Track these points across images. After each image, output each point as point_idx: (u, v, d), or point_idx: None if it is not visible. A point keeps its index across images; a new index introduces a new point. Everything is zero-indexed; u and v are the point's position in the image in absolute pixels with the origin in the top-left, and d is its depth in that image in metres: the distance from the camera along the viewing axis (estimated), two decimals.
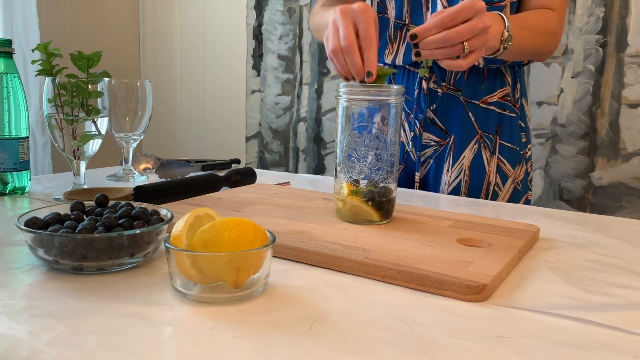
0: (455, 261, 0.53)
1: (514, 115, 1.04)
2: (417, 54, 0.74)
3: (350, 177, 0.68)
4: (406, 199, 0.90)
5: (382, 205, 0.67)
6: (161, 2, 2.65)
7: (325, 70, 2.21)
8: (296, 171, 2.30)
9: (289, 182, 1.02)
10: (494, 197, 1.03)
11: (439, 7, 0.98)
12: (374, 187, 0.67)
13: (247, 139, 2.45)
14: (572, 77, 1.70)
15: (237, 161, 1.23)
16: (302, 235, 0.61)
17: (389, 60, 1.06)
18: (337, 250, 0.56)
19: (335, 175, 0.70)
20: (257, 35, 2.38)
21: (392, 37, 1.04)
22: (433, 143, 1.05)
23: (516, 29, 0.86)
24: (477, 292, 0.48)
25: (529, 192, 1.07)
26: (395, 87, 0.68)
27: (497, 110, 1.02)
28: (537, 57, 1.01)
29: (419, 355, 0.38)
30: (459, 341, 0.40)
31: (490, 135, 1.02)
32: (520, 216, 0.80)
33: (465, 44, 0.73)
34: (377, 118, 0.66)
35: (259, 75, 2.39)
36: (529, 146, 1.07)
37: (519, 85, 1.05)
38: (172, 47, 2.66)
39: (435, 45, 0.72)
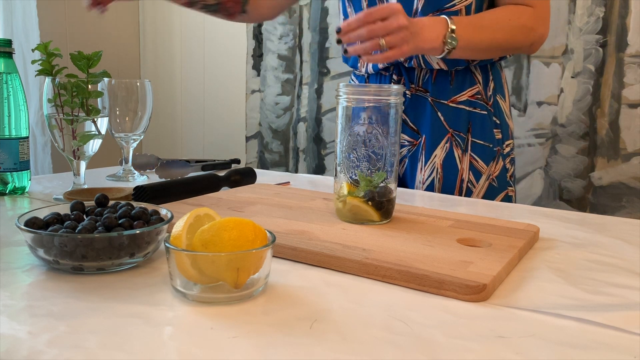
0: (455, 261, 0.53)
1: (486, 112, 1.05)
2: (345, 51, 0.84)
3: (350, 177, 0.68)
4: (406, 198, 0.90)
5: (382, 205, 0.67)
6: (161, 3, 2.65)
7: (325, 70, 2.21)
8: (296, 171, 2.30)
9: (289, 182, 1.02)
10: (468, 194, 1.04)
11: None
12: (374, 187, 0.67)
13: (247, 139, 2.45)
14: (572, 77, 1.70)
15: (237, 161, 1.23)
16: (302, 235, 0.61)
17: (363, 70, 1.11)
18: (337, 250, 0.56)
19: (335, 175, 0.70)
20: (257, 35, 2.38)
21: None
22: (407, 143, 1.08)
23: (467, 29, 0.90)
24: (477, 292, 0.48)
25: (509, 189, 1.08)
26: (395, 87, 0.68)
27: (467, 108, 1.04)
28: (511, 52, 1.03)
29: (419, 355, 0.38)
30: (459, 341, 0.40)
31: (462, 134, 1.04)
32: (520, 216, 0.80)
33: (382, 40, 0.79)
34: (377, 118, 0.66)
35: (259, 75, 2.39)
36: (507, 142, 1.08)
37: (492, 83, 1.07)
38: (172, 47, 2.66)
39: (355, 40, 0.80)
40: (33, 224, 0.52)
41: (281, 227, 0.64)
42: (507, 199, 1.07)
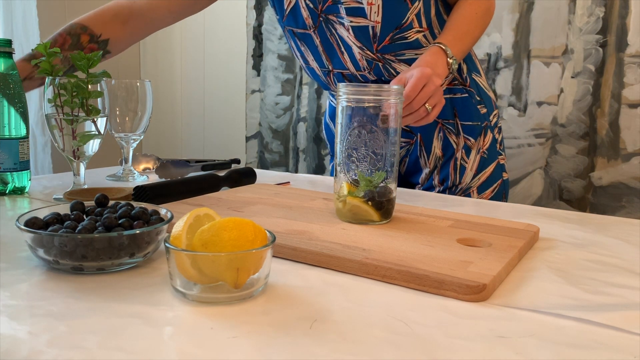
0: (455, 261, 0.53)
1: (466, 95, 1.09)
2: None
3: (350, 177, 0.68)
4: (406, 198, 0.90)
5: (382, 205, 0.67)
6: None
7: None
8: (296, 171, 2.30)
9: (289, 182, 1.02)
10: (462, 170, 1.08)
11: (354, 50, 1.03)
12: (374, 187, 0.67)
13: (247, 139, 2.45)
14: (572, 77, 1.70)
15: (237, 161, 1.23)
16: (302, 235, 0.61)
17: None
18: (337, 250, 0.56)
19: (335, 175, 0.70)
20: (257, 35, 2.38)
21: (327, 82, 1.13)
22: (404, 144, 1.12)
23: (456, 44, 0.96)
24: (477, 292, 0.48)
25: (500, 157, 1.12)
26: (395, 87, 0.68)
27: (448, 96, 1.07)
28: (484, 31, 1.08)
29: (419, 355, 0.38)
30: (459, 341, 0.40)
31: (450, 120, 1.08)
32: (520, 216, 0.80)
33: (427, 105, 0.84)
34: (377, 118, 0.66)
35: (259, 75, 2.39)
36: (493, 113, 1.12)
37: (464, 65, 1.10)
38: (172, 47, 2.65)
39: (404, 114, 0.84)
40: (33, 224, 0.52)
41: (281, 227, 0.64)
42: (500, 167, 1.11)
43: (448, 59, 0.93)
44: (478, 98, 1.10)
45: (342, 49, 1.05)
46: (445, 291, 0.49)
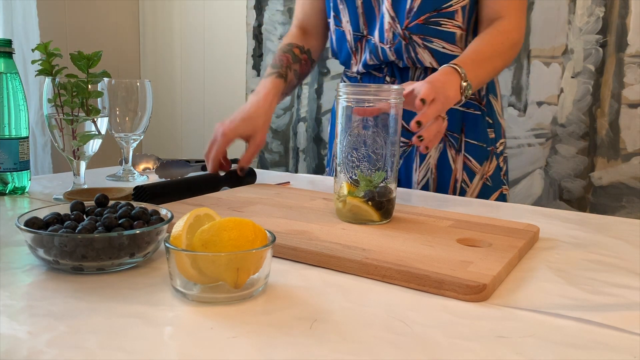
0: (455, 261, 0.53)
1: (479, 112, 1.05)
2: (426, 147, 0.78)
3: (350, 177, 0.68)
4: (406, 198, 0.90)
5: (382, 205, 0.67)
6: (161, 2, 2.65)
7: (325, 70, 2.20)
8: (296, 171, 2.30)
9: (289, 182, 1.02)
10: (462, 193, 1.05)
11: (386, 18, 1.00)
12: (374, 187, 0.67)
13: None
14: (572, 77, 1.70)
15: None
16: (302, 235, 0.61)
17: (355, 69, 1.10)
18: (337, 250, 0.56)
19: (335, 175, 0.70)
20: (257, 35, 2.38)
21: (354, 49, 1.08)
22: (402, 144, 1.07)
23: (474, 68, 0.89)
24: (477, 292, 0.48)
25: (503, 187, 1.09)
26: (395, 87, 0.68)
27: (461, 109, 1.03)
28: (506, 66, 1.03)
29: (419, 355, 0.38)
30: (459, 341, 0.40)
31: (455, 134, 1.04)
32: (520, 216, 0.80)
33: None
34: (377, 118, 0.66)
35: (259, 75, 2.39)
36: (500, 141, 1.09)
37: None
38: (172, 47, 2.65)
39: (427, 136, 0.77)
40: (33, 224, 0.52)
41: (281, 227, 0.64)
42: (502, 197, 1.08)
43: (462, 82, 0.86)
44: (490, 120, 1.06)
45: (377, 13, 1.02)
46: (445, 291, 0.49)
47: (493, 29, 0.97)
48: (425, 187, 1.06)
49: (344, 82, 1.17)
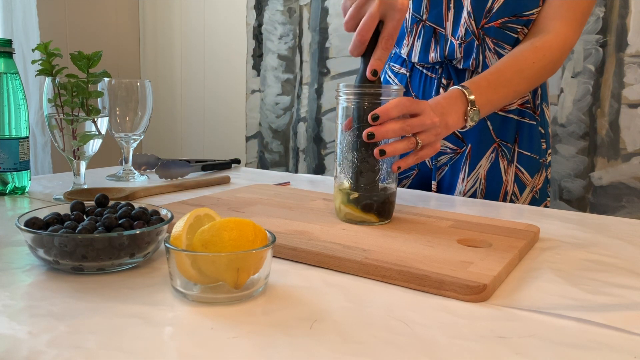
0: (455, 261, 0.53)
1: (534, 122, 1.00)
2: (381, 153, 0.66)
3: (350, 177, 0.68)
4: (406, 198, 0.90)
5: (382, 205, 0.67)
6: (161, 2, 2.65)
7: (325, 70, 2.21)
8: (296, 171, 2.30)
9: (289, 182, 1.02)
10: None
11: (464, 12, 0.94)
12: (367, 189, 0.67)
13: (247, 138, 2.45)
14: (572, 77, 1.70)
15: (237, 161, 1.23)
16: (302, 235, 0.61)
17: (404, 51, 1.03)
18: (337, 251, 0.56)
19: (335, 175, 0.70)
20: (257, 35, 2.38)
21: (409, 29, 1.01)
22: (449, 151, 1.01)
23: (487, 92, 0.81)
24: (477, 292, 0.48)
25: (547, 200, 1.04)
26: (394, 87, 0.68)
27: (515, 118, 0.98)
28: (534, 87, 0.96)
29: (419, 355, 0.38)
30: (459, 341, 0.40)
31: (509, 144, 0.99)
32: (521, 216, 0.80)
33: (418, 138, 0.68)
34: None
35: (259, 75, 2.39)
36: (549, 152, 1.03)
37: (539, 90, 1.01)
38: (172, 47, 2.66)
39: (391, 136, 0.66)
40: (33, 224, 0.52)
41: (281, 227, 0.64)
42: None
43: (467, 109, 0.77)
44: (542, 131, 1.01)
45: (452, 5, 0.95)
46: (445, 291, 0.49)
47: (530, 43, 0.88)
48: (472, 197, 1.00)
49: (391, 80, 1.08)
